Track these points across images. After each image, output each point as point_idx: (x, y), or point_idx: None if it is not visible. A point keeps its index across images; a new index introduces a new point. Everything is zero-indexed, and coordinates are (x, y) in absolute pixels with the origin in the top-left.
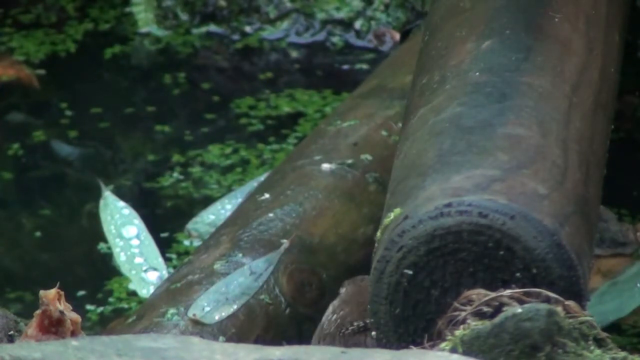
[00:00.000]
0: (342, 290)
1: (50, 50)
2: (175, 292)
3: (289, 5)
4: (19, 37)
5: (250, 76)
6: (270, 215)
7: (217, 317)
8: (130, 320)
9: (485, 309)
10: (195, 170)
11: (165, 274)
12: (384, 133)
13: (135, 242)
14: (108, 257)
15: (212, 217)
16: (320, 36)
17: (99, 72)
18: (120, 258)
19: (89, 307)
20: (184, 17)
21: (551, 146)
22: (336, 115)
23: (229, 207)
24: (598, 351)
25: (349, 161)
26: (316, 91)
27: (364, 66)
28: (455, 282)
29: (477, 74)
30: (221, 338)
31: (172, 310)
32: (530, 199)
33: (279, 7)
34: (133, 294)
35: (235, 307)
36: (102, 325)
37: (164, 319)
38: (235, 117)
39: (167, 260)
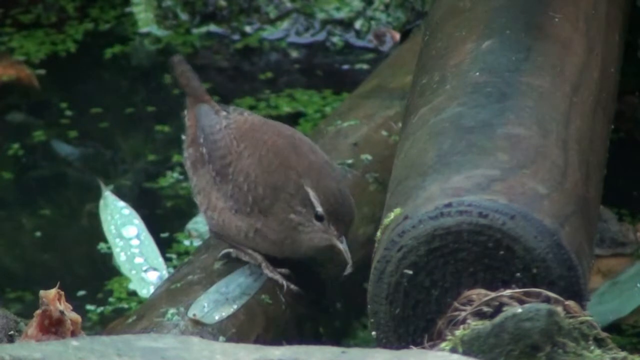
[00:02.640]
0: None
1: (50, 50)
2: (175, 292)
3: (289, 5)
4: (19, 37)
5: (250, 76)
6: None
7: (217, 317)
8: (130, 320)
9: (485, 309)
10: None
11: (165, 274)
12: (384, 133)
13: (135, 242)
14: (108, 257)
15: None
16: (320, 36)
17: (99, 72)
18: (120, 258)
19: (89, 307)
20: (184, 17)
21: (551, 146)
22: (336, 115)
23: None
24: (598, 351)
25: (349, 161)
26: (316, 91)
27: (364, 66)
28: (455, 282)
29: (477, 74)
30: (221, 338)
31: (172, 310)
32: (530, 199)
33: (279, 7)
34: (133, 294)
35: (235, 307)
36: (102, 325)
37: (164, 319)
38: None
39: (167, 260)
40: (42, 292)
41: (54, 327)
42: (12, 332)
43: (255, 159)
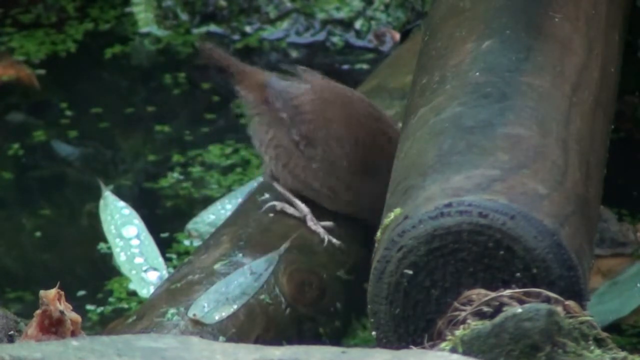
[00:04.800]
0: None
1: (50, 50)
2: (175, 292)
3: (289, 5)
4: (19, 37)
5: None
6: (271, 215)
7: (217, 317)
8: (130, 320)
9: (485, 309)
10: (196, 170)
11: (165, 274)
12: None
13: (135, 242)
14: (108, 257)
15: (212, 217)
16: (320, 36)
17: (99, 72)
18: (120, 258)
19: (89, 307)
20: (184, 17)
21: (551, 146)
22: None
23: (229, 207)
24: (598, 351)
25: None
26: None
27: (364, 66)
28: (455, 282)
29: (477, 74)
30: (221, 338)
31: (172, 310)
32: (530, 199)
33: (279, 7)
34: (133, 294)
35: (235, 307)
36: (102, 325)
37: (164, 319)
38: (235, 117)
39: (167, 260)
40: (42, 292)
41: (54, 327)
42: (12, 332)
43: (347, 128)
